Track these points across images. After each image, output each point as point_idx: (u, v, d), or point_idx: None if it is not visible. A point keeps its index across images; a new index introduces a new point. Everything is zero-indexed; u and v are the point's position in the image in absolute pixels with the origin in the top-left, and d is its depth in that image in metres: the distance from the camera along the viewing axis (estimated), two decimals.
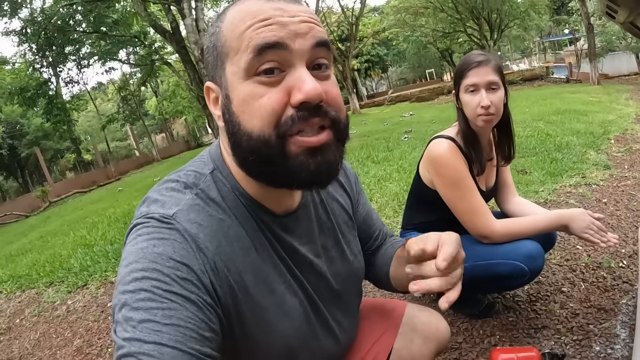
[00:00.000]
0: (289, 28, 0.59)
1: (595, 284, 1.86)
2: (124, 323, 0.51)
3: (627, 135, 4.77)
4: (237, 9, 0.62)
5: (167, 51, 19.09)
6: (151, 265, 0.55)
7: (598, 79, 13.38)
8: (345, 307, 0.85)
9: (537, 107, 8.10)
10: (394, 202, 3.51)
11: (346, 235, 0.87)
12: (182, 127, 36.83)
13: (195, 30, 8.27)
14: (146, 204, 0.65)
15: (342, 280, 0.83)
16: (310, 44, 0.60)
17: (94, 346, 2.40)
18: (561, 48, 27.99)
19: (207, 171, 0.69)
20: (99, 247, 4.26)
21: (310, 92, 0.58)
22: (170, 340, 0.50)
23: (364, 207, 0.97)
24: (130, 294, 0.53)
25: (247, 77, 0.60)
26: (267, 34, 0.58)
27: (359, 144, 7.61)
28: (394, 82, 38.34)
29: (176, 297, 0.54)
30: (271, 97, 0.59)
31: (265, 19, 0.59)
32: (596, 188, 3.08)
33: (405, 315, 1.00)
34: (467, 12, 20.22)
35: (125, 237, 0.63)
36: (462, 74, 1.49)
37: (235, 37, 0.61)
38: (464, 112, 1.52)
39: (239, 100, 0.61)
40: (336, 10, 22.40)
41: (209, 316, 0.56)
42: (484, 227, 1.46)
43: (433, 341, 0.97)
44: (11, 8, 13.99)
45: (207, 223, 0.63)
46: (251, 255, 0.67)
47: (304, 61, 0.60)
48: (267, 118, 0.59)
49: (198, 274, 0.58)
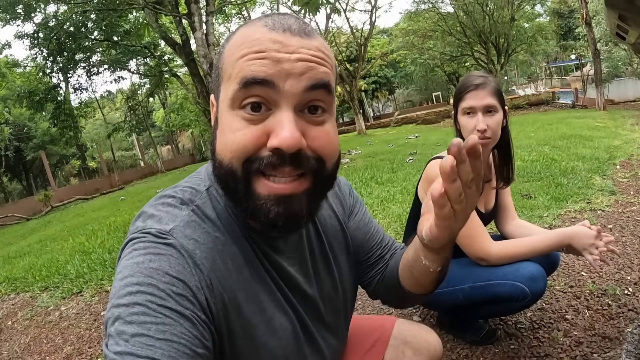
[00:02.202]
0: (281, 66, 0.57)
1: (600, 311, 1.82)
2: (117, 337, 0.50)
3: (633, 160, 4.75)
4: (240, 33, 0.62)
5: (177, 64, 19.34)
6: (147, 280, 0.54)
7: (604, 105, 13.41)
8: (333, 326, 0.84)
9: (543, 131, 8.12)
10: (397, 223, 3.48)
11: (338, 256, 0.84)
12: (188, 140, 37.06)
13: (205, 44, 8.35)
14: (142, 219, 0.64)
15: (331, 301, 0.82)
16: (303, 86, 0.58)
17: (84, 354, 2.36)
18: (567, 73, 28.14)
19: (203, 188, 0.69)
20: (97, 255, 4.24)
21: (286, 141, 0.56)
22: (163, 356, 0.49)
23: (360, 216, 0.91)
24: (124, 307, 0.52)
25: (232, 107, 0.59)
26: (257, 68, 0.57)
27: (364, 164, 7.64)
28: (400, 104, 38.52)
29: (171, 312, 0.53)
30: (246, 134, 0.58)
31: (260, 52, 0.57)
32: (601, 214, 3.04)
33: (395, 329, 0.99)
34: (474, 36, 20.45)
35: (120, 251, 0.62)
36: (460, 97, 1.49)
37: (230, 63, 0.60)
38: (462, 134, 1.52)
39: (220, 128, 0.62)
40: (345, 30, 22.69)
41: (202, 333, 0.56)
42: (481, 250, 1.45)
43: (424, 354, 0.95)
44: (25, 12, 14.24)
45: (204, 240, 0.63)
46: (243, 273, 0.66)
47: (292, 104, 0.58)
48: (236, 152, 0.58)
49: (193, 290, 0.57)
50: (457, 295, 1.51)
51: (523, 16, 21.62)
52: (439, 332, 1.84)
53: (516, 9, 19.88)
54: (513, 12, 19.53)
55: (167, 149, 38.99)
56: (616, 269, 2.16)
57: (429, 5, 21.52)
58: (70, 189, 22.33)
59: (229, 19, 19.13)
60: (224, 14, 17.55)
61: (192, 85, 11.67)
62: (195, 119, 23.45)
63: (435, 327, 1.87)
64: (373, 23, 18.35)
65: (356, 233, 0.89)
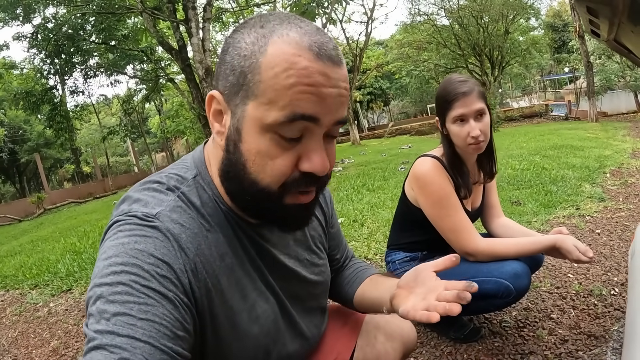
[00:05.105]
0: (326, 102, 0.59)
1: (586, 311, 1.83)
2: (97, 315, 0.50)
3: (623, 169, 4.79)
4: (282, 50, 0.57)
5: (173, 71, 19.37)
6: (131, 260, 0.54)
7: (596, 117, 13.56)
8: (313, 311, 0.87)
9: (535, 142, 8.18)
10: (385, 227, 3.51)
11: (319, 246, 0.90)
12: (183, 148, 36.96)
13: (202, 50, 8.40)
14: (127, 203, 0.64)
15: (312, 287, 0.85)
16: (335, 120, 0.61)
17: (70, 348, 2.36)
18: (561, 86, 28.45)
19: (189, 176, 0.69)
20: (88, 255, 4.23)
21: (319, 168, 0.61)
22: (144, 335, 0.50)
23: (335, 225, 0.99)
24: (107, 286, 0.52)
25: (267, 131, 0.59)
26: (307, 104, 0.57)
27: (356, 172, 7.67)
28: (395, 116, 38.70)
29: (154, 293, 0.53)
30: (285, 160, 0.60)
31: (310, 85, 0.57)
32: (590, 219, 3.07)
33: (368, 315, 1.02)
34: (469, 48, 20.62)
35: (104, 233, 0.62)
36: (448, 105, 1.48)
37: (273, 86, 0.57)
38: (451, 139, 1.53)
39: (252, 148, 0.61)
40: (341, 41, 22.79)
41: (184, 316, 0.56)
42: (469, 245, 1.46)
43: (397, 340, 0.97)
44: (24, 12, 14.26)
45: (189, 225, 0.63)
46: (227, 260, 0.67)
47: (323, 133, 0.62)
48: (276, 178, 0.61)
49: (178, 273, 0.58)
50: None
51: (517, 29, 21.84)
52: (424, 329, 1.84)
53: (510, 22, 20.10)
54: (507, 25, 19.76)
55: (161, 156, 38.87)
56: (603, 270, 2.18)
57: (425, 17, 21.70)
58: (64, 192, 22.20)
59: (226, 27, 19.20)
60: (221, 22, 17.61)
61: (188, 91, 11.68)
62: (190, 126, 23.39)
63: (420, 324, 1.87)
64: (369, 34, 18.49)
65: (330, 239, 0.97)
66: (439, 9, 21.51)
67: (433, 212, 1.53)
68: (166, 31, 14.61)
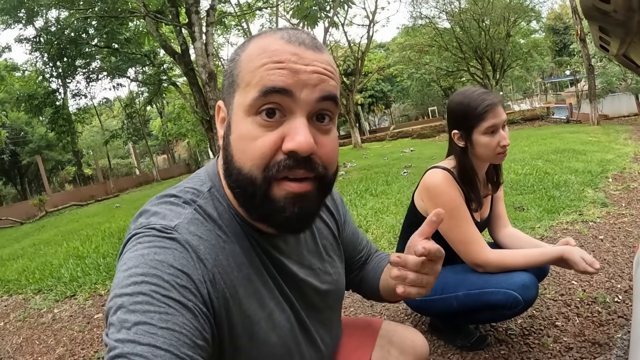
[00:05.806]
0: (299, 76, 0.61)
1: (590, 318, 1.84)
2: (118, 325, 0.51)
3: (625, 173, 4.79)
4: (258, 43, 0.64)
5: (176, 74, 19.41)
6: (152, 271, 0.55)
7: (598, 120, 13.52)
8: (328, 322, 0.88)
9: (537, 146, 8.18)
10: (390, 234, 3.51)
11: (331, 255, 0.90)
12: (184, 150, 37.00)
13: (204, 54, 8.41)
14: (145, 216, 0.66)
15: (326, 297, 0.85)
16: (316, 97, 0.62)
17: (77, 356, 2.35)
18: (562, 89, 28.44)
19: (204, 189, 0.71)
20: (91, 260, 4.23)
21: (302, 145, 0.60)
22: (165, 344, 0.50)
23: (350, 226, 1.00)
24: (127, 297, 0.53)
25: (249, 114, 0.62)
26: (277, 77, 0.60)
27: (359, 177, 7.67)
28: (396, 118, 38.68)
29: (174, 302, 0.54)
30: (264, 141, 0.61)
31: (279, 62, 0.61)
32: (593, 225, 3.08)
33: (382, 329, 1.02)
34: (470, 51, 20.62)
35: (123, 246, 0.63)
36: (479, 117, 1.47)
37: (249, 71, 0.63)
38: (466, 151, 1.54)
39: (237, 134, 0.64)
40: (343, 44, 22.79)
41: (203, 325, 0.57)
42: (478, 256, 1.48)
43: (410, 354, 0.98)
44: (27, 15, 14.31)
45: (207, 237, 0.65)
46: (244, 271, 0.68)
47: (306, 112, 0.62)
48: (257, 160, 0.62)
49: (197, 283, 0.59)
50: (451, 302, 1.53)
51: (519, 32, 21.89)
52: (431, 337, 1.85)
53: (512, 25, 20.11)
54: (509, 28, 19.77)
55: (163, 158, 38.91)
56: (606, 277, 2.19)
57: (426, 20, 21.73)
58: (65, 194, 22.18)
59: (228, 30, 19.25)
60: (223, 25, 17.66)
61: (190, 95, 11.71)
62: (192, 129, 23.43)
63: (427, 332, 1.89)
64: (370, 37, 18.45)
65: (347, 242, 0.98)
66: (440, 12, 21.56)
67: (443, 223, 1.54)
68: (169, 35, 14.66)
